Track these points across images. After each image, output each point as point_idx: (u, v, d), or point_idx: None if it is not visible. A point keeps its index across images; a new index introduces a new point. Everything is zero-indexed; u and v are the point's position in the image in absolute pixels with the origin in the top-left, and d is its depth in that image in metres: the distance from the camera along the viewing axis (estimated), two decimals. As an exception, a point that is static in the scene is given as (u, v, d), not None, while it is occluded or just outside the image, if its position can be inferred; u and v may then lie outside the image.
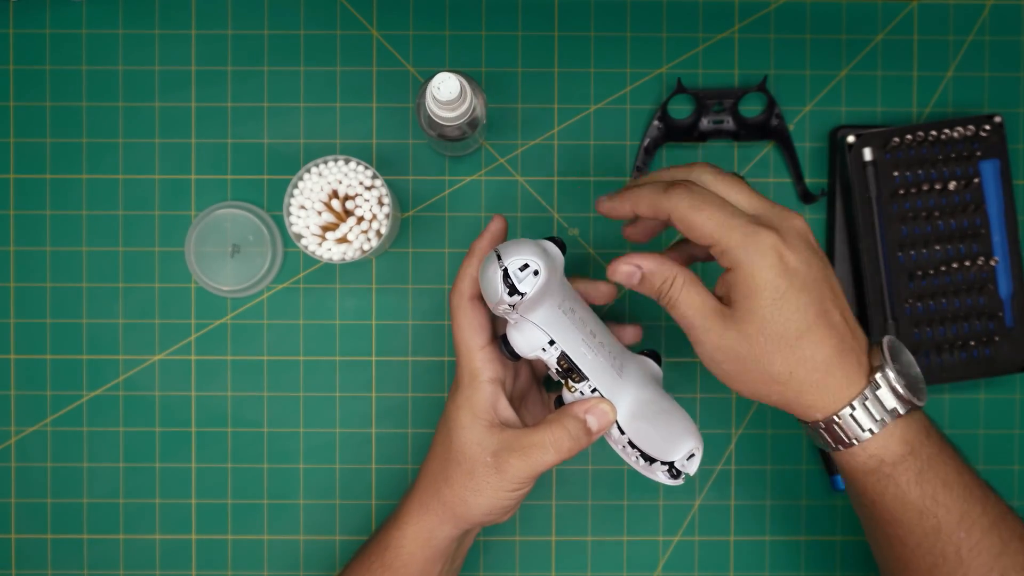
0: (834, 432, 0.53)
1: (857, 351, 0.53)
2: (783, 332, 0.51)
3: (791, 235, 0.52)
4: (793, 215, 0.53)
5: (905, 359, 0.55)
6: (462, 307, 0.57)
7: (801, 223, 0.53)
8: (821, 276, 0.52)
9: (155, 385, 0.71)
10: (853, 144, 0.68)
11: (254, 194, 0.71)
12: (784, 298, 0.51)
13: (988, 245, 0.69)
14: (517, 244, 0.54)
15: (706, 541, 0.72)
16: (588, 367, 0.56)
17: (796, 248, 0.52)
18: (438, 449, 0.59)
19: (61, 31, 0.71)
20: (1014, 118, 0.72)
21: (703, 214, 0.52)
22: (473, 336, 0.57)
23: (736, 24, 0.71)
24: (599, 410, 0.56)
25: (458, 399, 0.57)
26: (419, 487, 0.60)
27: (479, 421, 0.56)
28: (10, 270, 0.71)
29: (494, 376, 0.57)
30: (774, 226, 0.52)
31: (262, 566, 0.71)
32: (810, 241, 0.53)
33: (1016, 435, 0.72)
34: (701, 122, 0.70)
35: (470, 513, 0.57)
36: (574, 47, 0.71)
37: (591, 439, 0.56)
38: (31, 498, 0.71)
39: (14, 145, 0.71)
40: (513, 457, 0.55)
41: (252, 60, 0.71)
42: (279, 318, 0.71)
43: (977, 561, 0.53)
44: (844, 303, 0.54)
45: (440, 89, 0.57)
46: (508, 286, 0.53)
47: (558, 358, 0.56)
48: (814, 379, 0.52)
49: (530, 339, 0.55)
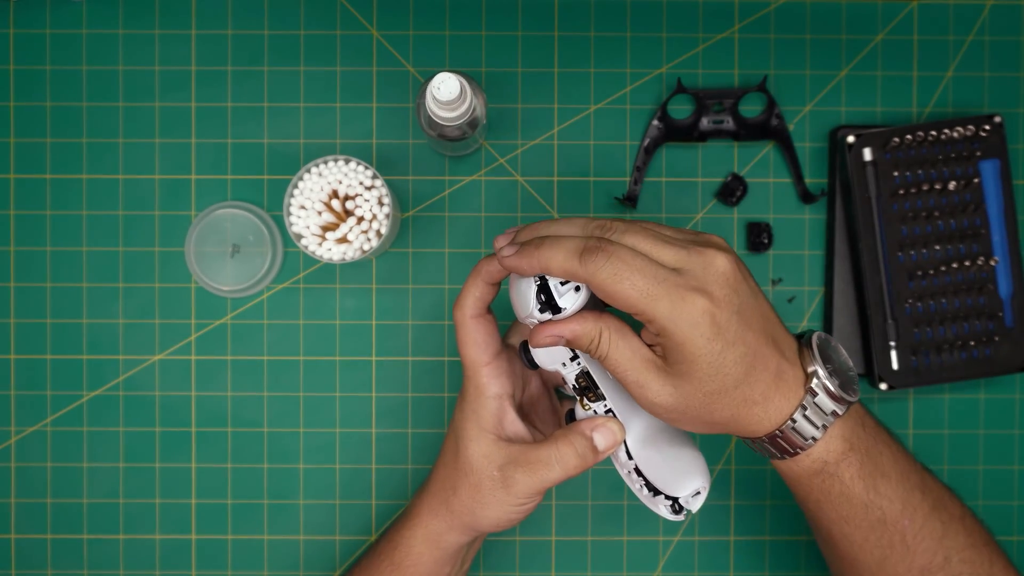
0: (778, 444, 0.52)
1: (792, 364, 0.51)
2: (721, 386, 0.50)
3: (716, 285, 0.49)
4: (714, 253, 0.50)
5: (835, 353, 0.54)
6: (465, 325, 0.56)
7: (723, 261, 0.50)
8: (752, 316, 0.50)
9: (155, 385, 0.71)
10: (853, 144, 0.68)
11: (254, 194, 0.71)
12: (720, 357, 0.49)
13: (988, 245, 0.69)
14: None
15: (706, 541, 0.72)
16: (606, 387, 0.55)
17: (724, 301, 0.49)
18: (447, 457, 0.58)
19: (61, 31, 0.71)
20: (1014, 118, 0.72)
21: (624, 283, 0.48)
22: (479, 353, 0.56)
23: (736, 24, 0.71)
24: (607, 429, 0.55)
25: (465, 410, 0.57)
26: (429, 491, 0.59)
27: (486, 435, 0.56)
28: (10, 270, 0.71)
29: (500, 391, 0.56)
30: (699, 282, 0.49)
31: (262, 566, 0.71)
32: (735, 280, 0.50)
33: (1016, 435, 0.72)
34: (701, 122, 0.70)
35: (477, 524, 0.57)
36: (574, 47, 0.71)
37: (597, 458, 0.55)
38: (31, 498, 0.71)
39: (14, 145, 0.71)
40: (519, 472, 0.55)
41: (252, 60, 0.71)
42: (279, 318, 0.71)
43: (922, 547, 0.53)
44: (774, 323, 0.52)
45: (440, 89, 0.57)
46: (542, 301, 0.52)
47: (578, 375, 0.55)
48: (755, 411, 0.51)
49: (553, 353, 0.55)
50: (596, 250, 0.49)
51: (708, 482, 0.56)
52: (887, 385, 0.68)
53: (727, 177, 0.71)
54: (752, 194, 0.71)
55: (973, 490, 0.72)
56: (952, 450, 0.72)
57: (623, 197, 0.70)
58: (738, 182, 0.71)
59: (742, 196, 0.71)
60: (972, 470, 0.72)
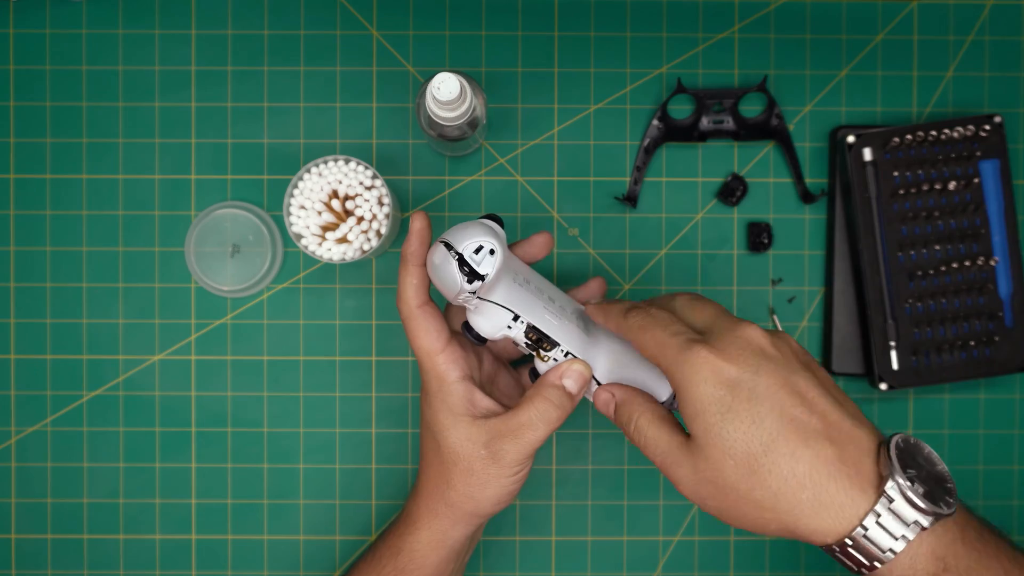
0: (851, 556, 0.46)
1: (855, 456, 0.46)
2: (747, 450, 0.46)
3: (734, 346, 0.48)
4: (742, 325, 0.50)
5: (924, 457, 0.48)
6: (413, 316, 0.56)
7: (751, 331, 0.49)
8: (777, 380, 0.47)
9: (155, 385, 0.71)
10: (853, 144, 0.68)
11: (254, 194, 0.71)
12: (732, 411, 0.47)
13: (988, 245, 0.69)
14: (462, 229, 0.53)
15: (706, 541, 0.72)
16: (556, 333, 0.56)
17: (736, 357, 0.48)
18: (430, 456, 0.59)
19: (61, 31, 0.71)
20: (1014, 118, 0.72)
21: (647, 334, 0.51)
22: (432, 342, 0.56)
23: (736, 24, 0.71)
24: (574, 371, 0.56)
25: (433, 404, 0.57)
26: (423, 494, 0.60)
27: (461, 419, 0.56)
28: (10, 270, 0.71)
29: (461, 374, 0.57)
30: (713, 340, 0.49)
31: (262, 566, 0.71)
32: (761, 347, 0.49)
33: (1016, 435, 0.72)
34: (701, 122, 0.70)
35: (480, 508, 0.57)
36: (574, 47, 0.71)
37: (574, 402, 0.56)
38: (31, 498, 0.71)
39: (14, 145, 0.71)
40: (505, 443, 0.55)
41: (252, 60, 0.71)
42: (279, 318, 0.71)
43: None
44: (824, 403, 0.48)
45: (440, 89, 0.57)
46: (467, 272, 0.52)
47: (525, 331, 0.56)
48: (804, 498, 0.46)
49: (494, 320, 0.55)
50: (637, 309, 0.53)
51: None
52: (887, 385, 0.68)
53: (727, 177, 0.71)
54: (752, 194, 0.71)
55: (973, 490, 0.72)
56: (952, 450, 0.72)
57: (623, 197, 0.70)
58: (738, 182, 0.71)
59: (742, 196, 0.71)
60: (972, 470, 0.72)
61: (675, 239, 0.71)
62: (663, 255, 0.71)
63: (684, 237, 0.71)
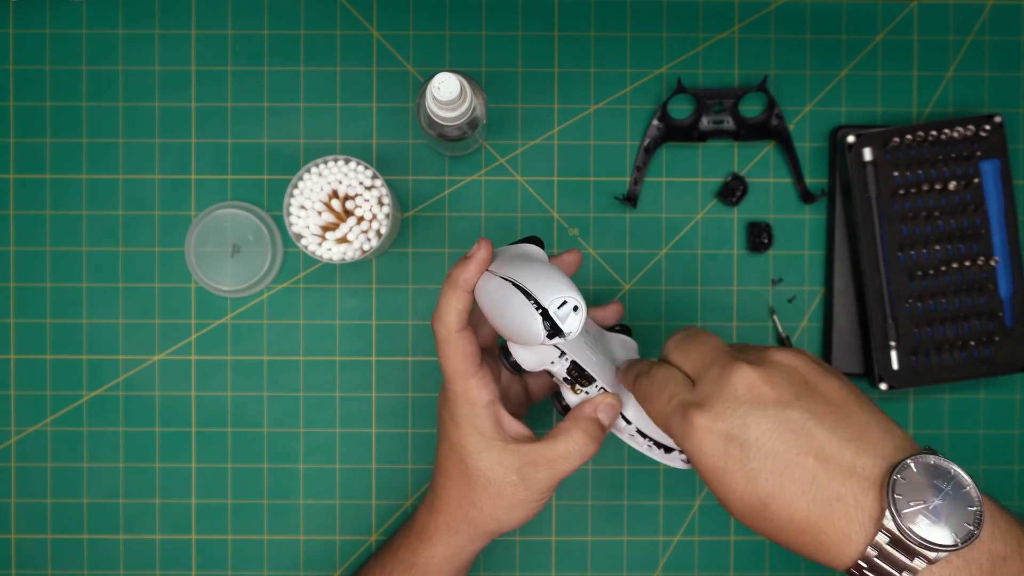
0: (877, 569, 0.44)
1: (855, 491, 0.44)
2: (750, 506, 0.46)
3: (720, 401, 0.47)
4: (728, 372, 0.47)
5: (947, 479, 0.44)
6: (451, 340, 0.55)
7: (737, 377, 0.47)
8: (768, 427, 0.46)
9: (155, 385, 0.71)
10: (853, 144, 0.68)
11: (254, 194, 0.71)
12: (729, 474, 0.46)
13: (988, 245, 0.69)
14: (547, 280, 0.51)
15: (706, 541, 0.72)
16: (595, 369, 0.56)
17: (723, 413, 0.46)
18: (454, 474, 0.58)
19: (61, 31, 0.71)
20: (1014, 118, 0.72)
21: (650, 406, 0.51)
22: (466, 366, 0.56)
23: (736, 24, 0.71)
24: (607, 405, 0.57)
25: (462, 426, 0.56)
26: (442, 510, 0.59)
27: (493, 444, 0.56)
28: (10, 270, 0.71)
29: (491, 398, 0.56)
30: (702, 396, 0.48)
31: (262, 566, 0.71)
32: (749, 392, 0.46)
33: (1016, 435, 0.72)
34: (701, 122, 0.70)
35: (502, 528, 0.58)
36: (574, 47, 0.71)
37: (606, 432, 0.57)
38: (31, 498, 0.71)
39: (14, 145, 0.71)
40: (540, 471, 0.56)
41: (252, 60, 0.71)
42: (279, 318, 0.71)
43: None
44: (821, 433, 0.45)
45: (440, 89, 0.57)
46: (548, 328, 0.50)
47: (568, 368, 0.56)
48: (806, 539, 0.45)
49: (540, 356, 0.55)
50: (642, 374, 0.53)
51: None
52: (887, 385, 0.68)
53: (727, 177, 0.71)
54: (752, 194, 0.71)
55: (973, 490, 0.72)
56: (952, 450, 0.72)
57: (623, 197, 0.70)
58: (738, 182, 0.71)
59: (742, 196, 0.71)
60: (972, 470, 0.72)
61: (675, 239, 0.71)
62: (663, 255, 0.71)
63: (684, 237, 0.71)
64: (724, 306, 0.71)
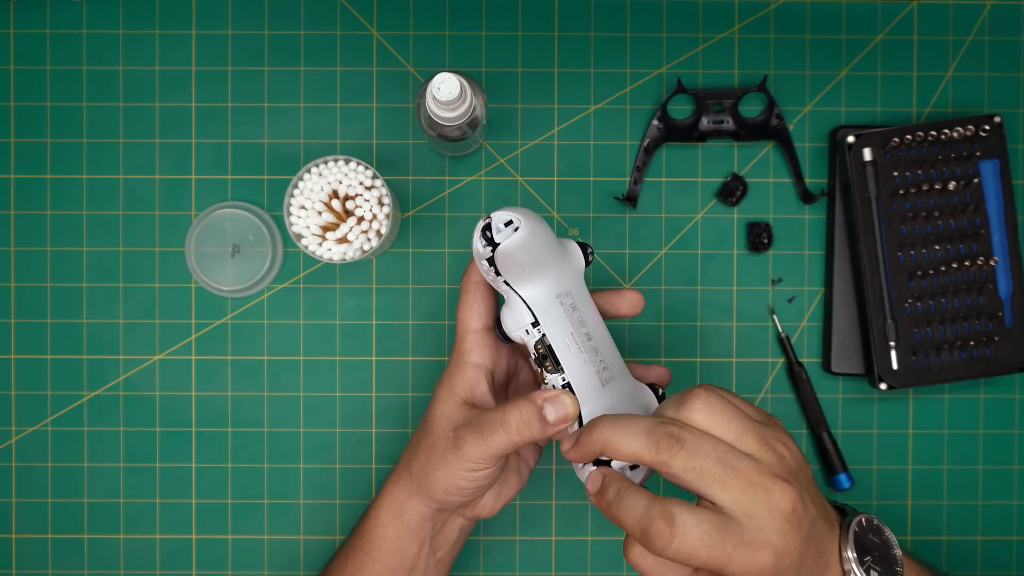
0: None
1: (827, 550, 0.50)
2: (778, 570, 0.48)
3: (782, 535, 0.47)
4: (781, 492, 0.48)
5: (881, 538, 0.52)
6: (468, 289, 0.58)
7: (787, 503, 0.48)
8: (807, 548, 0.48)
9: (155, 385, 0.71)
10: (853, 144, 0.68)
11: (254, 194, 0.71)
12: (789, 552, 0.47)
13: (988, 245, 0.69)
14: (511, 207, 0.55)
15: (706, 541, 0.72)
16: (567, 361, 0.55)
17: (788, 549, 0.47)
18: (420, 423, 0.60)
19: (61, 31, 0.71)
20: (1014, 118, 0.72)
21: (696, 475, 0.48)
22: (470, 318, 0.58)
23: (736, 24, 0.71)
24: (559, 401, 0.53)
25: (443, 376, 0.58)
26: (399, 460, 0.61)
27: (454, 397, 0.57)
28: (10, 270, 0.71)
29: (480, 361, 0.57)
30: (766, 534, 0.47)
31: (262, 566, 0.71)
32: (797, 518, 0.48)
33: (1016, 435, 0.72)
34: (701, 122, 0.70)
35: (431, 488, 0.57)
36: (574, 47, 0.71)
37: (546, 430, 0.53)
38: (31, 498, 0.71)
39: (14, 145, 0.71)
40: (468, 434, 0.55)
41: (252, 60, 0.71)
42: (279, 318, 0.71)
43: None
44: (824, 529, 0.50)
45: (440, 89, 0.57)
46: (487, 239, 0.54)
47: (536, 342, 0.55)
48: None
49: (517, 317, 0.55)
50: (672, 439, 0.48)
51: None
52: (887, 385, 0.68)
53: (727, 177, 0.71)
54: (752, 194, 0.71)
55: (973, 491, 0.72)
56: (952, 450, 0.72)
57: (623, 197, 0.70)
58: (738, 182, 0.71)
59: (742, 196, 0.71)
60: (972, 470, 0.72)
61: (675, 239, 0.71)
62: (663, 255, 0.71)
63: (684, 237, 0.71)
64: (724, 306, 0.71)
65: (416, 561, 0.60)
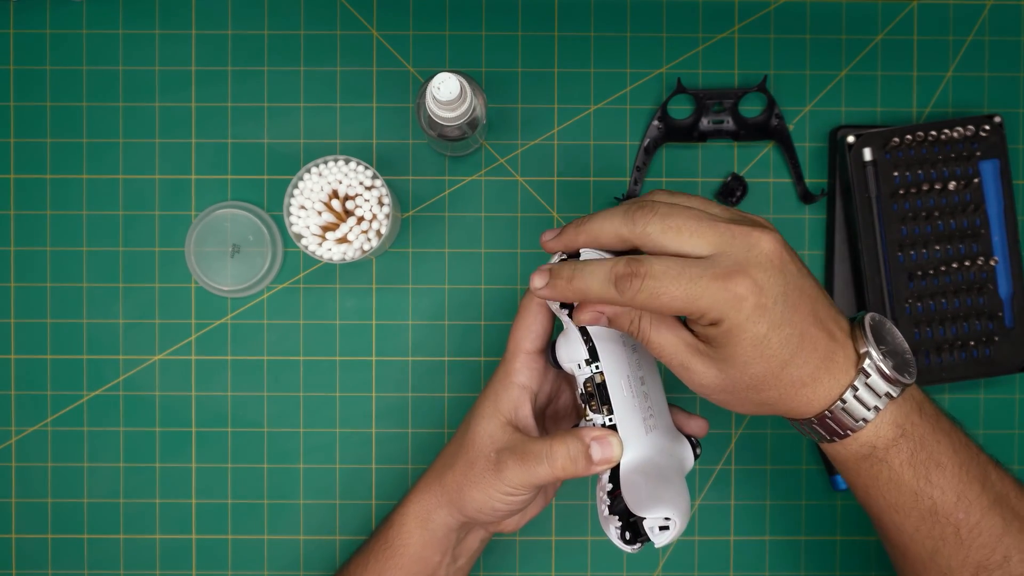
0: (827, 425, 0.51)
1: (843, 346, 0.50)
2: (767, 369, 0.49)
3: (759, 268, 0.48)
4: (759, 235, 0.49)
5: (889, 335, 0.52)
6: (527, 307, 0.57)
7: (769, 244, 0.49)
8: (799, 298, 0.49)
9: (155, 385, 0.71)
10: (853, 144, 0.68)
11: (254, 194, 0.71)
12: (765, 341, 0.48)
13: (988, 245, 0.69)
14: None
15: (706, 541, 0.72)
16: (618, 402, 0.54)
17: (769, 284, 0.48)
18: (457, 435, 0.59)
19: (61, 31, 0.71)
20: (1014, 118, 0.72)
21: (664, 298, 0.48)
22: (525, 338, 0.57)
23: (736, 24, 0.71)
24: (607, 442, 0.53)
25: (488, 392, 0.58)
26: (430, 468, 0.60)
27: (498, 416, 0.57)
28: (10, 270, 0.71)
29: (527, 383, 0.57)
30: (740, 265, 0.48)
31: (262, 566, 0.71)
32: (781, 261, 0.49)
33: (1016, 435, 0.72)
34: (701, 122, 0.70)
35: (463, 503, 0.57)
36: (574, 47, 0.71)
37: (589, 468, 0.53)
38: (31, 498, 0.71)
39: (14, 145, 0.71)
40: (511, 459, 0.55)
41: (252, 60, 0.71)
42: (279, 318, 0.71)
43: (978, 542, 0.51)
44: (823, 303, 0.51)
45: (440, 89, 0.57)
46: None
47: (586, 380, 0.54)
48: (803, 391, 0.50)
49: (572, 351, 0.54)
50: (629, 276, 0.49)
51: (682, 519, 0.53)
52: (887, 385, 0.68)
53: (727, 177, 0.71)
54: (752, 194, 0.71)
55: (973, 490, 0.72)
56: (952, 450, 0.72)
57: (623, 197, 0.70)
58: (738, 182, 0.71)
59: (742, 196, 0.71)
60: (972, 470, 0.72)
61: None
62: (663, 255, 0.71)
63: (684, 237, 0.71)
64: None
65: (437, 569, 0.60)
